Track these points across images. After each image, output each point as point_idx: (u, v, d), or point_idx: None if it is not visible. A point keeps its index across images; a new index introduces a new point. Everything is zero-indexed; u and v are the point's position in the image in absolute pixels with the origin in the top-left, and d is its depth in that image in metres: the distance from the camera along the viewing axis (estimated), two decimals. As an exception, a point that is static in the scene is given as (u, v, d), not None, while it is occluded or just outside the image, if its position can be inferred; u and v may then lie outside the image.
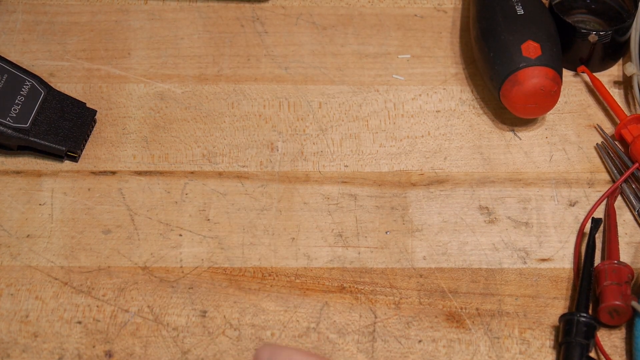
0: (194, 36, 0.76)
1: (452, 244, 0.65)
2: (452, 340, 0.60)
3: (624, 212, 0.66)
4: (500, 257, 0.64)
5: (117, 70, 0.73)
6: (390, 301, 0.62)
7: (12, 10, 0.77)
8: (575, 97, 0.73)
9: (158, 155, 0.69)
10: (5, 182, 0.67)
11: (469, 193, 0.67)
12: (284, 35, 0.76)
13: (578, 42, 0.72)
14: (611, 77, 0.74)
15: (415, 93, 0.73)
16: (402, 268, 0.63)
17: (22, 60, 0.73)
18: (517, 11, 0.70)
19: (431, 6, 0.78)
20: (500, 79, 0.68)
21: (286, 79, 0.73)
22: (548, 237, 0.65)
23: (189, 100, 0.72)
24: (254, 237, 0.65)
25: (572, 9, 0.75)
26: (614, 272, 0.60)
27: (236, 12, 0.77)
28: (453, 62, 0.75)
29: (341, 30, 0.76)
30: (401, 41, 0.76)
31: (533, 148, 0.70)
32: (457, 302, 0.62)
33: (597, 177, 0.68)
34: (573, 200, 0.67)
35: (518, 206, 0.67)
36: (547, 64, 0.67)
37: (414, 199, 0.67)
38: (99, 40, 0.75)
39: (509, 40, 0.69)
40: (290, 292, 0.62)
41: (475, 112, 0.72)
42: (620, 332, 0.61)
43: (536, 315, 0.61)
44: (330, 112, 0.71)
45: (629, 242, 0.65)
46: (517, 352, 0.60)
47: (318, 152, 0.69)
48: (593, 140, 0.70)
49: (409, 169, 0.68)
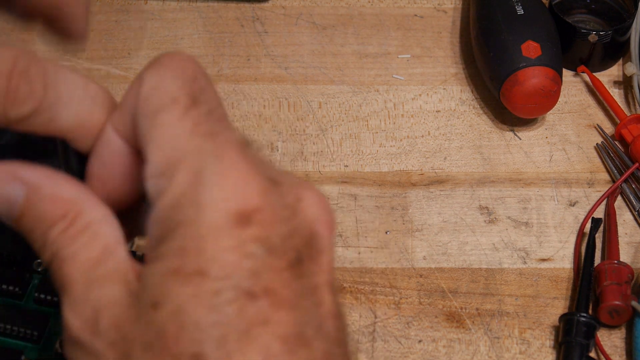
0: (194, 36, 0.76)
1: (452, 244, 0.65)
2: (452, 340, 0.60)
3: (624, 212, 0.66)
4: (500, 257, 0.64)
5: (117, 70, 0.73)
6: (390, 301, 0.62)
7: (12, 10, 0.77)
8: (575, 97, 0.73)
9: (158, 155, 0.69)
10: (5, 182, 0.67)
11: (469, 193, 0.67)
12: (284, 35, 0.76)
13: (578, 42, 0.72)
14: (611, 77, 0.74)
15: (415, 93, 0.73)
16: (402, 268, 0.63)
17: (22, 60, 0.73)
18: (517, 11, 0.70)
19: (431, 6, 0.78)
20: (500, 79, 0.68)
21: (286, 79, 0.73)
22: (548, 237, 0.65)
23: (189, 100, 0.72)
24: (254, 237, 0.65)
25: (572, 9, 0.75)
26: (614, 272, 0.60)
27: (236, 12, 0.77)
28: (453, 62, 0.75)
29: (341, 30, 0.76)
30: (401, 41, 0.76)
31: (533, 148, 0.70)
32: (457, 302, 0.62)
33: (597, 177, 0.68)
34: (573, 200, 0.67)
35: (518, 206, 0.67)
36: (547, 64, 0.67)
37: (414, 199, 0.67)
38: (99, 40, 0.75)
39: (509, 40, 0.69)
40: (290, 292, 0.62)
41: (475, 112, 0.72)
42: (620, 332, 0.61)
43: (536, 315, 0.61)
44: (330, 112, 0.71)
45: (629, 242, 0.65)
46: (517, 352, 0.60)
47: (318, 152, 0.69)
48: (593, 140, 0.70)
49: (409, 169, 0.68)
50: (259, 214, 0.32)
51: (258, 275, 0.31)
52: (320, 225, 0.34)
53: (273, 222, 0.32)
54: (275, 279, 0.32)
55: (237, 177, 0.32)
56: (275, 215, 0.32)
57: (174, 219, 0.32)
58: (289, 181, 0.34)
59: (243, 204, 0.32)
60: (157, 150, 0.33)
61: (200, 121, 0.33)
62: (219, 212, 0.31)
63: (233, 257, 0.31)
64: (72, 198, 0.34)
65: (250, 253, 0.31)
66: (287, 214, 0.33)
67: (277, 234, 0.32)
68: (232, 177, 0.32)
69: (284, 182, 0.34)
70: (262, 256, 0.31)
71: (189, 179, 0.32)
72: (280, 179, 0.34)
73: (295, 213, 0.33)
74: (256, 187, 0.32)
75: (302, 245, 0.33)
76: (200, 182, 0.32)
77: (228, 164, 0.32)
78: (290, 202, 0.33)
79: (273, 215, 0.32)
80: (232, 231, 0.31)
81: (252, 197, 0.32)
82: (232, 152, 0.33)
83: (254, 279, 0.31)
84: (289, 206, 0.33)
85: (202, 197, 0.32)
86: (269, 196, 0.32)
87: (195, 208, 0.31)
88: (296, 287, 0.32)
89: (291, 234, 0.33)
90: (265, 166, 0.34)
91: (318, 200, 0.34)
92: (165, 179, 0.32)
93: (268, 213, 0.32)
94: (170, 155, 0.33)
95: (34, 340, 0.50)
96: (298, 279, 0.32)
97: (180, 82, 0.34)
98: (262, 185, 0.32)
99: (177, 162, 0.32)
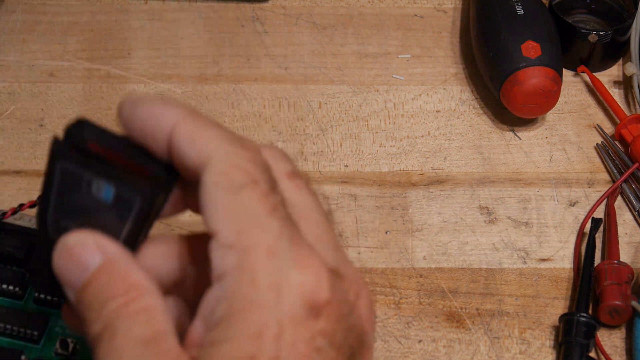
0: (194, 36, 0.76)
1: (452, 244, 0.65)
2: (452, 340, 0.60)
3: (624, 212, 0.66)
4: (500, 257, 0.64)
5: (117, 70, 0.73)
6: (390, 301, 0.62)
7: (12, 10, 0.77)
8: (575, 97, 0.73)
9: (158, 155, 0.69)
10: (5, 182, 0.67)
11: (469, 193, 0.67)
12: (284, 35, 0.76)
13: (578, 42, 0.72)
14: (611, 77, 0.74)
15: (415, 93, 0.73)
16: (402, 268, 0.63)
17: (22, 60, 0.73)
18: (517, 11, 0.70)
19: (431, 6, 0.78)
20: (500, 79, 0.68)
21: (286, 79, 0.73)
22: (548, 237, 0.65)
23: (189, 100, 0.72)
24: (254, 237, 0.65)
25: (572, 9, 0.75)
26: (614, 272, 0.60)
27: (236, 12, 0.77)
28: (453, 62, 0.75)
29: (341, 30, 0.76)
30: (401, 41, 0.76)
31: (533, 148, 0.70)
32: (457, 302, 0.62)
33: (597, 177, 0.68)
34: (573, 200, 0.67)
35: (518, 206, 0.67)
36: (547, 64, 0.67)
37: (414, 199, 0.67)
38: (99, 40, 0.75)
39: (509, 40, 0.69)
40: (290, 292, 0.62)
41: (475, 112, 0.72)
42: (620, 332, 0.61)
43: (536, 315, 0.61)
44: (330, 112, 0.71)
45: (629, 242, 0.65)
46: (517, 352, 0.60)
47: (318, 152, 0.69)
48: (593, 140, 0.70)
49: (409, 169, 0.68)
50: (329, 308, 0.33)
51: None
52: (369, 323, 0.35)
53: (339, 317, 0.33)
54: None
55: (312, 266, 0.33)
56: (340, 311, 0.33)
57: (247, 297, 0.32)
58: (350, 275, 0.35)
59: (317, 296, 0.33)
60: (231, 223, 0.33)
61: (278, 207, 0.34)
62: (297, 300, 0.32)
63: (306, 350, 0.32)
64: (139, 281, 0.35)
65: (319, 347, 0.32)
66: (348, 311, 0.34)
67: (340, 329, 0.33)
68: (309, 267, 0.33)
69: (347, 275, 0.35)
70: (327, 350, 0.32)
71: (266, 258, 0.32)
72: (344, 271, 0.35)
73: (354, 310, 0.34)
74: (328, 280, 0.33)
75: (356, 341, 0.34)
76: (278, 264, 0.32)
77: (305, 252, 0.33)
78: (351, 299, 0.34)
79: (339, 311, 0.33)
80: (306, 322, 0.32)
81: (324, 290, 0.33)
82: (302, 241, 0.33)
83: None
84: (350, 303, 0.34)
85: (282, 280, 0.32)
86: (336, 291, 0.33)
87: (275, 292, 0.32)
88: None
89: (350, 330, 0.34)
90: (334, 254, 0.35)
91: (370, 300, 0.36)
92: (236, 252, 0.33)
93: (335, 308, 0.33)
94: (245, 230, 0.33)
95: (34, 340, 0.50)
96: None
97: (261, 169, 0.34)
98: (332, 278, 0.33)
99: (253, 238, 0.33)
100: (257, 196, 0.33)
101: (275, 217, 0.33)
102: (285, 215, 0.34)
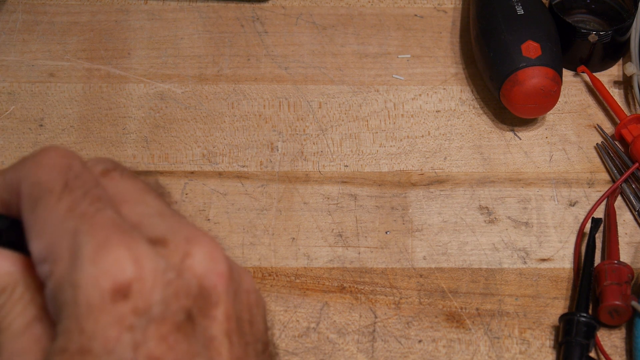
0: (194, 36, 0.76)
1: (452, 244, 0.65)
2: (452, 340, 0.60)
3: (624, 212, 0.66)
4: (500, 257, 0.64)
5: (117, 70, 0.73)
6: (390, 301, 0.62)
7: (12, 10, 0.77)
8: (575, 97, 0.73)
9: (158, 155, 0.69)
10: (5, 182, 0.67)
11: (469, 193, 0.67)
12: (284, 35, 0.76)
13: (578, 42, 0.72)
14: (611, 77, 0.74)
15: (415, 93, 0.73)
16: (402, 268, 0.63)
17: (22, 60, 0.73)
18: (517, 11, 0.70)
19: (431, 6, 0.78)
20: (500, 79, 0.68)
21: (286, 78, 0.73)
22: (548, 237, 0.65)
23: (189, 100, 0.72)
24: (254, 237, 0.65)
25: (572, 9, 0.75)
26: (614, 272, 0.60)
27: (236, 12, 0.77)
28: (453, 62, 0.75)
29: (341, 30, 0.76)
30: (401, 41, 0.76)
31: (533, 148, 0.70)
32: (457, 302, 0.62)
33: (597, 177, 0.68)
34: (573, 200, 0.67)
35: (518, 206, 0.67)
36: (547, 64, 0.67)
37: (414, 199, 0.67)
38: (99, 40, 0.75)
39: (509, 40, 0.69)
40: (290, 292, 0.62)
41: (475, 112, 0.72)
42: (620, 332, 0.61)
43: (536, 315, 0.61)
44: (330, 112, 0.71)
45: (629, 242, 0.65)
46: (517, 352, 0.60)
47: (318, 152, 0.69)
48: (593, 140, 0.70)
49: (409, 169, 0.68)
50: (137, 284, 0.33)
51: (140, 346, 0.32)
52: (211, 277, 0.35)
53: (153, 288, 0.33)
54: (159, 346, 0.32)
55: (110, 251, 0.33)
56: (155, 281, 0.33)
57: (58, 301, 0.33)
58: (177, 238, 0.35)
59: (117, 278, 0.33)
60: (36, 238, 0.34)
61: (74, 205, 0.34)
62: (94, 290, 0.32)
63: (113, 333, 0.32)
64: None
65: (130, 325, 0.32)
66: (171, 276, 0.34)
67: (157, 300, 0.33)
68: (106, 253, 0.33)
69: (171, 240, 0.35)
70: (142, 326, 0.32)
71: (67, 261, 0.33)
72: (167, 237, 0.35)
73: (181, 272, 0.34)
74: (131, 258, 0.33)
75: (192, 302, 0.34)
76: (76, 262, 0.33)
77: (102, 240, 0.33)
78: (175, 262, 0.34)
79: (153, 282, 0.33)
80: (109, 307, 0.32)
81: (126, 270, 0.33)
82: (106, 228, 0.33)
83: (136, 351, 0.32)
84: (173, 267, 0.34)
85: (77, 277, 0.33)
86: (148, 263, 0.33)
87: (72, 289, 0.33)
88: (187, 347, 0.33)
89: (176, 294, 0.33)
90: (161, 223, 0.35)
91: (208, 252, 0.35)
92: (48, 264, 0.34)
93: (147, 281, 0.33)
94: (49, 241, 0.34)
95: (33, 340, 0.50)
96: (189, 338, 0.33)
97: (55, 174, 0.35)
98: (140, 253, 0.33)
99: (56, 246, 0.34)
100: (50, 204, 0.34)
101: (71, 217, 0.34)
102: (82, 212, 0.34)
